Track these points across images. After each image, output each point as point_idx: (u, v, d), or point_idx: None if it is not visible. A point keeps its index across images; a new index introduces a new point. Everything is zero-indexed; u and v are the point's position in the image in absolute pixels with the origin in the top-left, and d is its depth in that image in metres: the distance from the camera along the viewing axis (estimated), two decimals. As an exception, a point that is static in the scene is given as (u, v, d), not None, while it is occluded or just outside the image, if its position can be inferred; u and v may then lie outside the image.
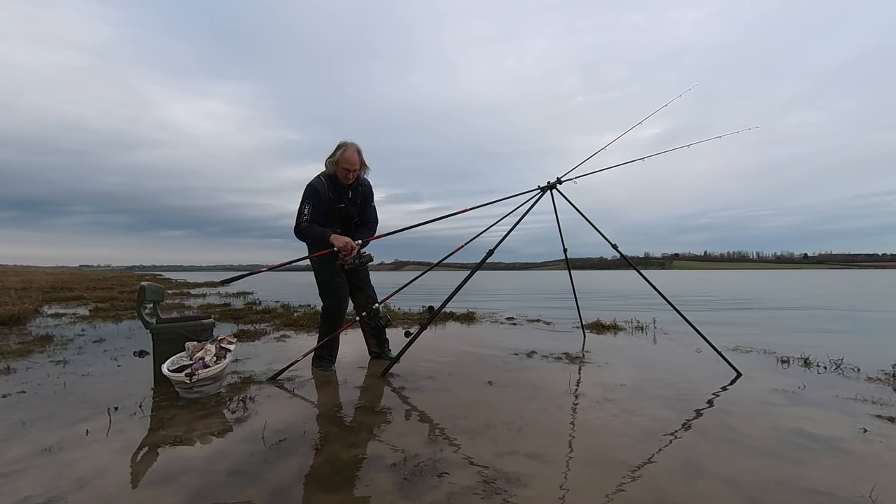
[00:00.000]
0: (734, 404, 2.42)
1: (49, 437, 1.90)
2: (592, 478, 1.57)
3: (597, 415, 2.23)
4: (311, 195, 2.87)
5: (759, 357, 3.67)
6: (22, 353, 3.60)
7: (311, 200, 2.86)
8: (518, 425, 2.07)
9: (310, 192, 2.89)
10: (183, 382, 2.38)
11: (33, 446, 1.80)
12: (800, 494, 1.48)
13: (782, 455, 1.77)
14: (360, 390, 2.69)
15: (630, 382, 2.84)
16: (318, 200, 2.88)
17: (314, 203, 2.87)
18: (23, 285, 11.68)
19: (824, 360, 3.41)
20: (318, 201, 2.88)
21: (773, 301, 10.37)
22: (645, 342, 4.37)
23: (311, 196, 2.87)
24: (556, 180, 3.54)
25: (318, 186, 2.90)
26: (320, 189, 2.89)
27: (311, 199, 2.87)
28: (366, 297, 3.25)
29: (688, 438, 1.94)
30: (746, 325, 5.92)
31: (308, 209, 2.85)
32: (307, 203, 2.86)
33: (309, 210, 2.85)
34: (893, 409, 2.36)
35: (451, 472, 1.60)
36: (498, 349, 3.94)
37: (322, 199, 2.89)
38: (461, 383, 2.81)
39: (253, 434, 1.94)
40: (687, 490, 1.50)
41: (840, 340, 4.61)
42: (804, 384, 2.82)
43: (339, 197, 2.96)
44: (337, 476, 1.59)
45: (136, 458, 1.72)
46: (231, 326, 5.13)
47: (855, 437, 1.97)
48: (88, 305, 7.68)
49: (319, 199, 2.88)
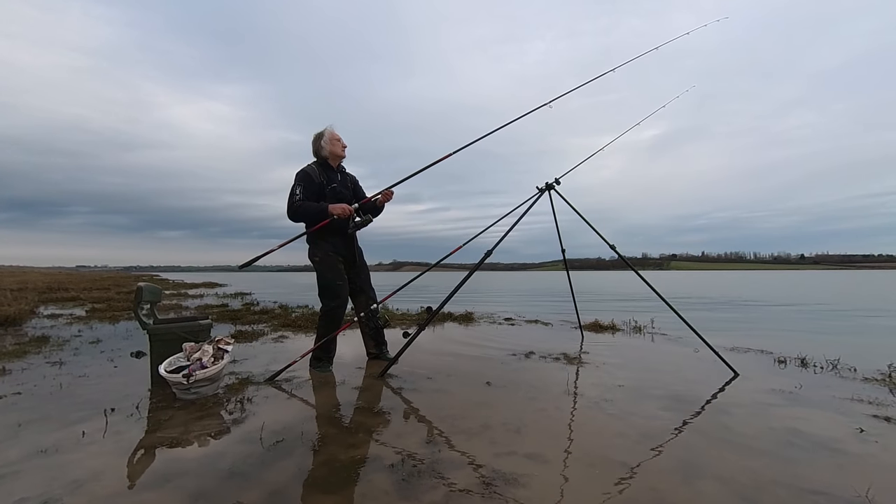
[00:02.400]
0: (731, 405, 2.43)
1: (45, 438, 1.89)
2: (591, 478, 1.57)
3: (595, 415, 2.24)
4: (303, 178, 2.96)
5: (756, 357, 3.68)
6: (18, 354, 3.58)
7: (303, 182, 2.94)
8: (516, 426, 2.07)
9: (301, 176, 2.97)
10: (180, 383, 2.37)
11: (29, 448, 1.79)
12: (796, 494, 1.48)
13: (779, 455, 1.78)
14: (358, 391, 2.68)
15: (628, 383, 2.84)
16: (309, 181, 2.96)
17: (305, 184, 2.94)
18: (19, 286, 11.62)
19: (821, 361, 3.42)
20: (310, 182, 2.96)
21: (770, 301, 10.41)
22: (643, 343, 4.38)
23: (303, 178, 2.95)
24: (554, 181, 3.55)
25: (310, 171, 3.00)
26: (311, 173, 2.99)
27: (302, 181, 2.95)
28: (366, 299, 3.26)
29: (685, 439, 1.95)
30: (743, 326, 5.93)
31: (300, 190, 2.92)
32: (299, 185, 2.93)
33: (301, 191, 2.91)
34: (890, 409, 2.37)
35: (449, 473, 1.60)
36: (496, 350, 3.94)
37: (314, 181, 2.97)
38: (459, 384, 2.81)
39: (250, 435, 1.94)
40: (684, 490, 1.50)
41: (836, 341, 4.63)
42: (801, 384, 2.83)
43: (330, 179, 3.06)
44: (335, 477, 1.58)
45: (133, 460, 1.71)
46: (229, 327, 5.11)
47: (851, 437, 1.98)
48: (85, 306, 7.65)
49: (311, 181, 2.96)
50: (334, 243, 3.06)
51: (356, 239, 3.22)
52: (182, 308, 7.84)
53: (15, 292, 9.18)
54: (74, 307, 7.61)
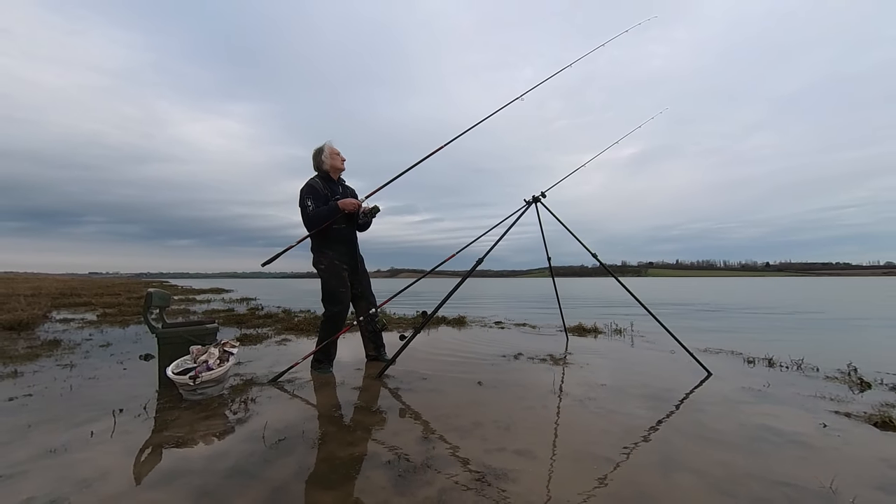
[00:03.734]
0: (705, 402, 2.43)
1: (54, 438, 1.84)
2: (576, 473, 1.56)
3: (579, 413, 2.23)
4: (310, 191, 3.01)
5: (727, 358, 3.71)
6: (29, 357, 3.48)
7: (311, 194, 3.00)
8: (506, 423, 2.05)
9: (308, 189, 3.02)
10: (187, 384, 2.33)
11: (38, 448, 1.74)
12: (766, 486, 1.49)
13: (750, 449, 1.78)
14: (357, 391, 2.65)
15: (610, 382, 2.84)
16: (317, 194, 3.02)
17: (314, 195, 3.00)
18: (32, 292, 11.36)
19: (787, 361, 3.46)
20: (318, 194, 3.02)
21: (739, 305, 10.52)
22: (623, 344, 4.39)
23: (310, 191, 3.01)
24: (540, 194, 3.58)
25: (314, 183, 3.05)
26: (316, 185, 3.04)
27: (310, 193, 3.00)
28: (367, 304, 3.25)
29: (663, 435, 1.95)
30: (715, 328, 5.98)
31: (310, 201, 2.98)
32: (308, 197, 2.99)
33: (311, 201, 2.98)
34: (850, 405, 2.39)
35: (443, 469, 1.57)
36: (487, 351, 3.92)
37: (320, 193, 3.03)
38: (453, 384, 2.79)
39: (254, 434, 1.90)
40: (663, 483, 1.49)
41: (801, 341, 4.68)
42: (769, 383, 2.85)
43: (333, 191, 3.10)
44: (334, 474, 1.55)
45: (140, 459, 1.67)
46: (234, 331, 5.04)
47: (816, 432, 1.99)
48: (96, 311, 7.49)
49: (318, 193, 3.02)
50: (339, 252, 3.06)
51: (358, 248, 3.22)
52: (190, 313, 7.71)
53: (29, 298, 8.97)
54: (86, 312, 7.44)
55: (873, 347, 4.40)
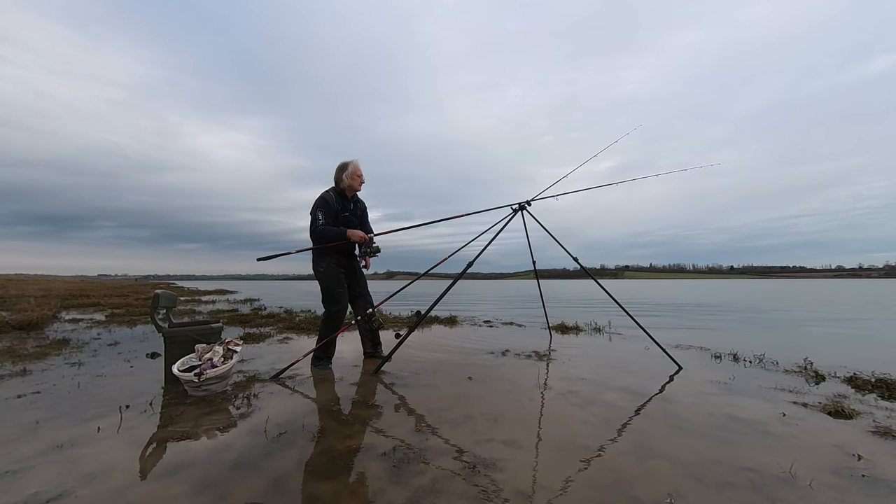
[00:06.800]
0: (677, 394, 2.46)
1: (61, 434, 1.78)
2: (559, 461, 1.56)
3: (562, 405, 2.23)
4: (323, 204, 2.97)
5: (696, 353, 3.76)
6: (38, 355, 3.37)
7: (323, 208, 2.96)
8: (494, 416, 2.05)
9: (321, 202, 2.98)
10: (192, 381, 2.28)
11: (45, 444, 1.68)
12: (733, 471, 1.50)
13: (717, 437, 1.81)
14: (355, 387, 2.62)
15: (590, 376, 2.86)
16: (328, 208, 2.97)
17: (325, 209, 2.96)
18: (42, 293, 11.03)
19: (750, 356, 3.51)
20: (329, 209, 2.97)
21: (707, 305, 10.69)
22: (602, 341, 4.42)
23: (323, 204, 2.97)
24: (525, 202, 3.60)
25: (328, 198, 3.00)
26: (330, 200, 3.00)
27: (322, 206, 2.96)
28: (364, 304, 3.22)
29: (639, 424, 1.96)
30: (686, 325, 6.06)
31: (322, 214, 2.95)
32: (320, 210, 2.95)
33: (322, 215, 2.95)
34: (807, 396, 2.44)
35: (435, 460, 1.56)
36: (477, 348, 3.91)
37: (332, 208, 2.99)
38: (445, 379, 2.77)
39: (256, 428, 1.86)
40: (639, 469, 1.50)
41: (762, 338, 4.76)
42: (734, 376, 2.90)
43: (344, 208, 3.07)
44: (333, 465, 1.53)
45: (145, 453, 1.62)
46: (238, 330, 4.94)
47: (776, 421, 2.02)
48: (105, 311, 7.29)
49: (330, 208, 2.98)
50: (337, 257, 3.05)
51: (356, 257, 3.21)
52: (195, 313, 7.56)
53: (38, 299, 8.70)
54: (95, 312, 7.24)
55: (827, 344, 4.50)
